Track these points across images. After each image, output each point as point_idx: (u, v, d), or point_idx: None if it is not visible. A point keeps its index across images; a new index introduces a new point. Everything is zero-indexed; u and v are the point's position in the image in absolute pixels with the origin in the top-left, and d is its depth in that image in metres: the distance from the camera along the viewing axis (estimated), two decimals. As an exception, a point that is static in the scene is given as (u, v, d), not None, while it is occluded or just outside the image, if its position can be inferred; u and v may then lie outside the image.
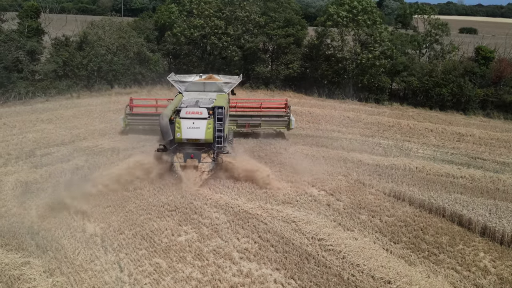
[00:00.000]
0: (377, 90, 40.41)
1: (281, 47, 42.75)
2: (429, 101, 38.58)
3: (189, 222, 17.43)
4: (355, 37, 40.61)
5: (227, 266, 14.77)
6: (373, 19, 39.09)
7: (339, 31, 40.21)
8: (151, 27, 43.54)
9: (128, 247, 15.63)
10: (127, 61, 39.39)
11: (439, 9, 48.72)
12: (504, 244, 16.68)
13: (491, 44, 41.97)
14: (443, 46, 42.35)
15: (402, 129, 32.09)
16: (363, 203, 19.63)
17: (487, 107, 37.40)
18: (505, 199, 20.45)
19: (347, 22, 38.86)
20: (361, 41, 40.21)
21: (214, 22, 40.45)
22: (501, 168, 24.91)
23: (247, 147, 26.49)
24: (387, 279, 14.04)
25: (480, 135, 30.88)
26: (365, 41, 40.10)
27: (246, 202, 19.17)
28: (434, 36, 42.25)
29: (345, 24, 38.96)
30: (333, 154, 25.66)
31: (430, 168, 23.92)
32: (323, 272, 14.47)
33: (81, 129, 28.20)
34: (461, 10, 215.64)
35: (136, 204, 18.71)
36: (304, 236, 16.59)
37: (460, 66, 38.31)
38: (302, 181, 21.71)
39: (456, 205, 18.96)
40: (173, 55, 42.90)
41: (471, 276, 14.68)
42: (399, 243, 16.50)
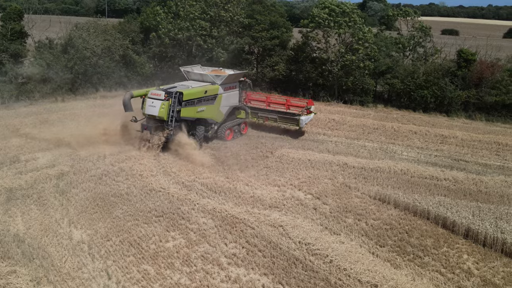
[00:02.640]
0: (362, 92, 40.80)
1: (266, 49, 42.93)
2: (412, 103, 39.08)
3: (177, 228, 17.47)
4: (338, 39, 40.95)
5: (215, 271, 14.86)
6: (354, 21, 39.49)
7: (323, 33, 40.54)
8: (136, 30, 43.33)
9: (116, 254, 15.63)
10: (112, 64, 39.16)
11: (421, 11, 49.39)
12: (487, 246, 17.04)
13: (472, 46, 42.60)
14: (426, 49, 42.92)
15: (387, 132, 32.46)
16: (349, 207, 19.86)
17: (469, 109, 38.00)
18: (487, 201, 20.86)
19: (328, 23, 39.25)
20: (345, 43, 40.57)
21: (199, 24, 40.48)
22: (483, 170, 25.37)
23: (234, 151, 26.60)
24: (373, 283, 14.26)
25: (462, 137, 31.37)
26: (349, 43, 40.46)
27: (233, 207, 19.27)
28: (418, 39, 42.81)
29: (326, 25, 39.34)
30: (319, 157, 25.88)
31: (415, 171, 24.26)
32: (310, 277, 14.64)
33: (66, 133, 27.93)
34: (443, 11, 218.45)
35: (123, 210, 18.68)
36: (292, 241, 16.73)
37: (442, 68, 38.85)
38: (289, 185, 21.89)
39: (440, 208, 19.29)
40: (159, 57, 42.76)
41: (455, 278, 14.98)
42: (385, 246, 16.76)
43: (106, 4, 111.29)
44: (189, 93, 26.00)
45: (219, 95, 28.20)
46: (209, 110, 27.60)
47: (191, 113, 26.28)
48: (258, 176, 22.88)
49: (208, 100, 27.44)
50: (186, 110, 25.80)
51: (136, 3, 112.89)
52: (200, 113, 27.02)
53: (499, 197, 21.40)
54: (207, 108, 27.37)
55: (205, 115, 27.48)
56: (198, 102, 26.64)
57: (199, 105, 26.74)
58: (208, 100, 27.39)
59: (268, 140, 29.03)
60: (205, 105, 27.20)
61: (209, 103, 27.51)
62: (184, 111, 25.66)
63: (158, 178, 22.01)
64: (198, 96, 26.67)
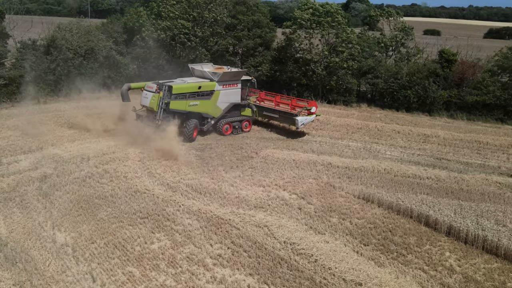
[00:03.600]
0: (345, 92, 41.14)
1: (250, 50, 42.98)
2: (395, 103, 39.53)
3: (162, 229, 17.44)
4: (322, 40, 41.20)
5: (201, 272, 14.88)
6: (337, 21, 39.78)
7: (306, 34, 40.75)
8: (119, 30, 43.05)
9: (100, 256, 15.55)
10: (96, 65, 38.85)
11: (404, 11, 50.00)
12: (468, 243, 17.33)
13: (453, 46, 43.22)
14: (409, 49, 43.43)
15: (370, 131, 32.77)
16: (333, 206, 20.03)
17: (451, 108, 38.57)
18: (469, 199, 21.21)
19: (310, 24, 39.48)
20: (329, 43, 40.84)
21: (181, 23, 40.43)
22: (465, 169, 25.77)
23: (219, 152, 26.62)
24: (358, 281, 14.42)
25: (444, 136, 31.83)
26: (333, 44, 40.74)
27: (218, 208, 19.30)
28: (400, 40, 43.29)
29: (309, 26, 39.58)
30: (304, 157, 26.03)
31: (398, 170, 24.55)
32: (295, 276, 14.74)
33: (49, 135, 27.70)
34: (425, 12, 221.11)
35: (107, 212, 18.58)
36: (277, 241, 16.83)
37: (424, 69, 39.38)
38: (274, 185, 21.99)
39: (423, 206, 19.57)
40: (142, 58, 42.54)
41: (437, 276, 15.22)
42: (369, 245, 16.94)
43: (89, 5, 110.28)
44: (179, 88, 27.71)
45: (216, 91, 29.55)
46: (204, 105, 29.05)
47: (181, 106, 27.91)
48: (243, 177, 22.94)
49: (203, 96, 29.00)
50: (175, 103, 27.53)
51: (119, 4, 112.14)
52: (193, 107, 28.52)
53: (480, 195, 21.76)
54: (201, 102, 28.84)
55: (199, 110, 28.92)
56: (190, 96, 28.27)
57: (191, 99, 28.31)
58: (203, 95, 28.96)
59: (253, 141, 29.10)
60: (199, 100, 28.70)
61: (204, 98, 29.01)
62: (173, 103, 27.40)
63: (142, 180, 21.93)
64: (190, 90, 28.32)
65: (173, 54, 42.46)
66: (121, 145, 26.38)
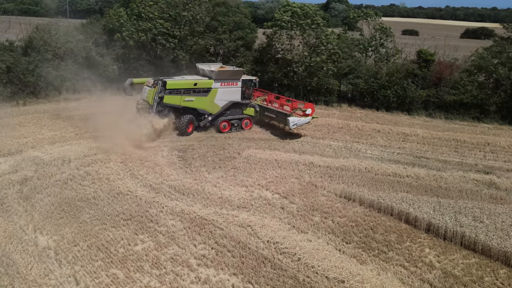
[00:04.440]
0: (326, 92, 41.55)
1: (231, 51, 43.07)
2: (375, 103, 40.08)
3: (145, 231, 17.44)
4: (302, 41, 41.53)
5: (185, 273, 14.94)
6: (316, 23, 40.17)
7: (286, 35, 41.03)
8: (99, 31, 42.69)
9: (84, 259, 15.48)
10: (75, 66, 38.46)
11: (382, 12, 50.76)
12: (447, 239, 17.73)
13: (431, 46, 44.00)
14: (388, 50, 44.05)
15: (351, 131, 33.17)
16: (315, 205, 20.27)
17: (429, 108, 39.28)
18: (447, 196, 21.67)
19: (291, 25, 39.80)
20: (309, 44, 41.17)
21: (160, 23, 40.33)
22: (443, 167, 26.30)
23: (201, 152, 26.66)
24: (340, 279, 14.65)
25: (423, 135, 32.40)
26: (313, 44, 41.09)
27: (201, 208, 19.37)
28: (379, 40, 43.89)
29: (289, 27, 39.89)
30: (286, 157, 26.23)
31: (378, 168, 24.94)
32: (279, 275, 14.91)
33: (28, 137, 27.38)
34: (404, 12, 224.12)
35: (90, 214, 18.49)
36: (260, 240, 16.98)
37: (403, 69, 40.02)
38: (256, 185, 22.15)
39: (403, 204, 19.94)
40: (123, 59, 42.26)
41: (417, 272, 15.56)
42: (351, 243, 17.22)
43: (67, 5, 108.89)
44: (173, 83, 29.32)
45: (213, 89, 30.69)
46: (200, 101, 30.28)
47: (175, 101, 29.31)
48: (226, 177, 23.04)
49: (200, 92, 30.23)
50: (170, 97, 28.98)
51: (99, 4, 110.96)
52: (188, 103, 29.83)
53: (458, 192, 22.24)
54: (197, 99, 30.09)
55: (194, 105, 30.23)
56: (185, 92, 29.64)
57: (187, 95, 29.65)
58: (199, 92, 30.21)
59: (235, 141, 29.20)
60: (194, 96, 29.97)
61: (200, 95, 30.26)
62: (167, 98, 28.87)
63: (125, 181, 21.87)
64: (185, 87, 29.76)
65: (154, 55, 42.29)
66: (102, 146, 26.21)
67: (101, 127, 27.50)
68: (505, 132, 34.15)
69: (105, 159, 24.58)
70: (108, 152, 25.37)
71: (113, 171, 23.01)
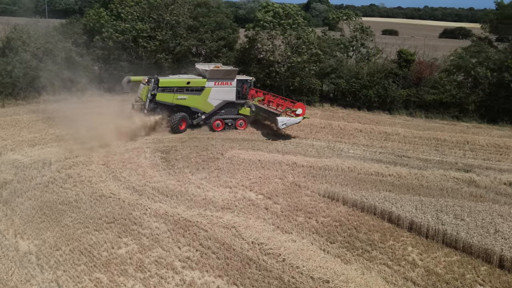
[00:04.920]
0: (308, 92, 41.71)
1: (214, 51, 42.95)
2: (357, 102, 40.42)
3: (129, 234, 17.28)
4: (284, 41, 41.63)
5: (170, 276, 14.85)
6: (298, 23, 40.32)
7: (268, 35, 41.09)
8: (79, 31, 42.13)
9: (66, 263, 15.27)
10: (55, 67, 37.88)
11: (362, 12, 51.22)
12: (429, 237, 17.98)
13: (411, 46, 44.56)
14: (369, 50, 44.46)
15: (334, 130, 33.39)
16: (299, 205, 20.33)
17: (410, 107, 39.79)
18: (429, 194, 21.97)
19: (273, 26, 39.90)
20: (291, 44, 41.29)
21: (139, 26, 39.97)
22: (424, 165, 26.65)
23: (184, 154, 26.53)
24: (325, 279, 14.73)
25: (404, 134, 32.79)
26: (295, 45, 41.21)
27: (185, 210, 19.28)
28: (360, 40, 44.26)
29: (271, 27, 39.98)
30: (269, 157, 26.27)
31: (361, 168, 25.15)
32: (264, 276, 14.92)
33: (7, 140, 26.92)
34: (383, 12, 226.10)
35: (72, 217, 18.25)
36: (245, 241, 16.97)
37: (384, 69, 40.44)
38: (240, 186, 22.13)
39: (386, 203, 20.14)
40: (104, 60, 41.79)
41: (401, 270, 15.74)
42: (335, 243, 17.32)
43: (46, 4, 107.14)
44: (166, 81, 30.25)
45: (206, 88, 31.26)
46: (193, 99, 30.94)
47: (168, 98, 30.16)
48: (210, 178, 22.97)
49: (193, 91, 30.93)
50: (162, 95, 29.92)
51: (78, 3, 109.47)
52: (181, 101, 30.59)
53: (439, 191, 22.57)
54: (190, 97, 30.79)
55: (187, 104, 30.94)
56: (178, 90, 30.41)
57: (179, 93, 30.37)
58: (192, 90, 30.90)
59: (218, 142, 29.12)
60: (187, 95, 30.68)
61: (194, 94, 30.92)
62: (160, 95, 29.85)
63: (107, 184, 21.64)
64: (178, 85, 30.54)
65: (135, 55, 41.91)
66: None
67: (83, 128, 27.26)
68: (483, 131, 34.77)
69: (86, 161, 24.29)
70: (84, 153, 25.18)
71: (95, 173, 22.75)
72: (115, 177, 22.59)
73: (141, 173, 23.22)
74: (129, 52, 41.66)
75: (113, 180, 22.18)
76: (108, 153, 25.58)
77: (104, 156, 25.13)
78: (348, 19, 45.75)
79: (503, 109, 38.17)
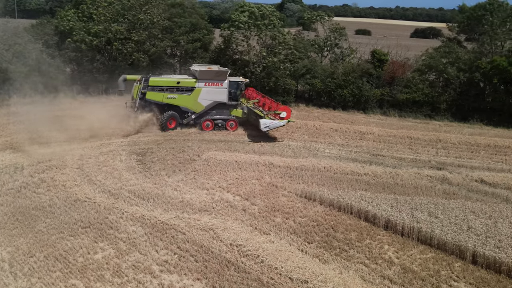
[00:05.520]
0: (284, 93, 41.86)
1: (189, 52, 42.72)
2: (332, 102, 40.79)
3: (105, 238, 17.04)
4: (259, 41, 41.71)
5: (148, 280, 14.70)
6: (273, 24, 40.48)
7: (243, 36, 41.11)
8: (50, 32, 41.25)
9: (41, 270, 14.96)
10: (26, 69, 37.00)
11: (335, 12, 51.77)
12: (405, 235, 18.28)
13: (384, 46, 45.22)
14: (343, 50, 44.92)
15: (309, 130, 33.61)
16: (277, 206, 20.40)
17: (384, 106, 40.41)
18: (404, 193, 22.34)
19: (248, 26, 39.96)
20: (266, 45, 41.39)
21: (115, 28, 39.38)
22: (399, 164, 27.08)
23: (160, 156, 26.31)
24: (304, 279, 14.82)
25: (379, 133, 33.26)
26: (270, 45, 41.33)
27: (162, 213, 19.12)
28: (334, 40, 44.68)
29: (247, 28, 40.03)
30: (246, 158, 26.27)
31: (337, 167, 25.39)
32: (243, 278, 14.92)
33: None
34: (356, 12, 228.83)
35: (46, 223, 17.88)
36: (223, 243, 16.93)
37: (358, 68, 40.93)
38: (217, 187, 22.07)
39: (362, 202, 20.38)
40: (76, 61, 41.03)
41: (378, 268, 15.95)
42: (312, 243, 17.44)
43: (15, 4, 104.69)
44: (156, 80, 31.14)
45: (196, 88, 31.77)
46: (183, 99, 31.59)
47: (158, 97, 31.03)
48: (186, 180, 22.84)
49: (183, 91, 31.56)
50: (152, 94, 30.83)
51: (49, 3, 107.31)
52: (171, 100, 31.34)
53: (413, 189, 22.99)
54: (180, 97, 31.45)
55: (177, 103, 31.62)
56: (168, 90, 31.19)
57: (169, 93, 31.16)
58: (182, 90, 31.53)
59: (194, 144, 28.98)
60: (177, 94, 31.35)
61: (184, 93, 31.55)
62: (149, 94, 30.76)
63: (82, 188, 21.28)
64: (168, 84, 31.30)
65: (109, 57, 41.30)
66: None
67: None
68: (455, 129, 35.57)
69: (60, 165, 23.85)
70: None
71: (69, 177, 22.35)
72: (90, 180, 22.24)
73: (116, 176, 22.92)
74: (102, 54, 40.99)
75: (88, 184, 21.83)
76: (83, 157, 25.16)
77: (78, 160, 24.71)
78: (321, 19, 46.13)
79: (473, 108, 39.21)
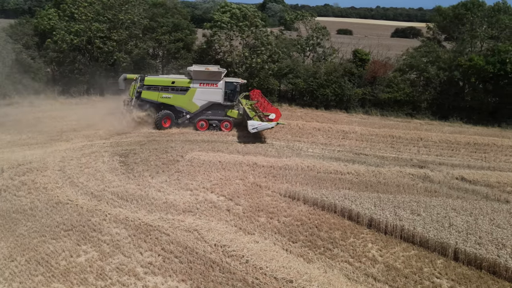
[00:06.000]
0: (267, 92, 41.90)
1: (171, 53, 42.53)
2: (315, 101, 40.98)
3: (88, 241, 16.87)
4: (242, 42, 41.73)
5: (132, 283, 14.60)
6: (255, 24, 40.54)
7: (225, 36, 41.07)
8: (30, 32, 40.65)
9: (22, 275, 14.75)
10: (5, 69, 36.40)
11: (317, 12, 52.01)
12: (388, 233, 18.47)
13: (366, 46, 45.61)
14: (325, 49, 45.18)
15: (292, 130, 33.72)
16: (261, 206, 20.43)
17: (366, 105, 40.74)
18: (386, 191, 22.56)
19: (231, 26, 39.96)
20: (249, 45, 41.42)
21: (96, 26, 39.01)
22: (381, 162, 27.34)
23: (143, 157, 26.13)
24: (288, 279, 14.88)
25: (361, 132, 33.52)
26: (253, 45, 41.37)
27: (146, 214, 19.00)
28: (316, 40, 44.92)
29: (229, 28, 40.02)
30: (229, 158, 26.24)
31: (320, 166, 25.51)
32: (228, 279, 14.92)
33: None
34: (337, 12, 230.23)
35: (27, 226, 17.63)
36: (207, 244, 16.90)
37: (340, 68, 41.23)
38: (201, 188, 22.01)
39: (346, 201, 20.53)
40: (57, 62, 40.51)
41: (362, 267, 16.10)
42: (297, 242, 17.51)
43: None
44: (151, 80, 31.74)
45: (191, 88, 32.01)
46: (177, 99, 31.95)
47: (153, 96, 31.66)
48: (170, 181, 22.73)
49: (178, 90, 31.92)
50: (147, 93, 31.51)
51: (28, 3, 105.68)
52: (165, 99, 31.80)
53: (396, 187, 23.23)
54: (174, 96, 31.86)
55: (171, 102, 32.01)
56: (163, 89, 31.72)
57: (164, 92, 31.69)
58: (177, 90, 31.91)
59: (178, 144, 28.84)
60: (172, 94, 31.80)
61: (178, 93, 31.91)
62: (145, 93, 31.46)
63: (64, 190, 21.03)
64: (163, 84, 31.77)
65: (90, 57, 40.87)
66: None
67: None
68: (435, 127, 36.04)
69: (41, 167, 23.53)
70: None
71: (50, 180, 22.07)
72: (72, 182, 21.98)
73: (99, 177, 22.70)
74: (83, 54, 40.54)
75: (70, 186, 21.57)
76: (64, 158, 24.86)
77: (60, 161, 24.40)
78: (303, 19, 46.36)
79: (453, 106, 39.74)
